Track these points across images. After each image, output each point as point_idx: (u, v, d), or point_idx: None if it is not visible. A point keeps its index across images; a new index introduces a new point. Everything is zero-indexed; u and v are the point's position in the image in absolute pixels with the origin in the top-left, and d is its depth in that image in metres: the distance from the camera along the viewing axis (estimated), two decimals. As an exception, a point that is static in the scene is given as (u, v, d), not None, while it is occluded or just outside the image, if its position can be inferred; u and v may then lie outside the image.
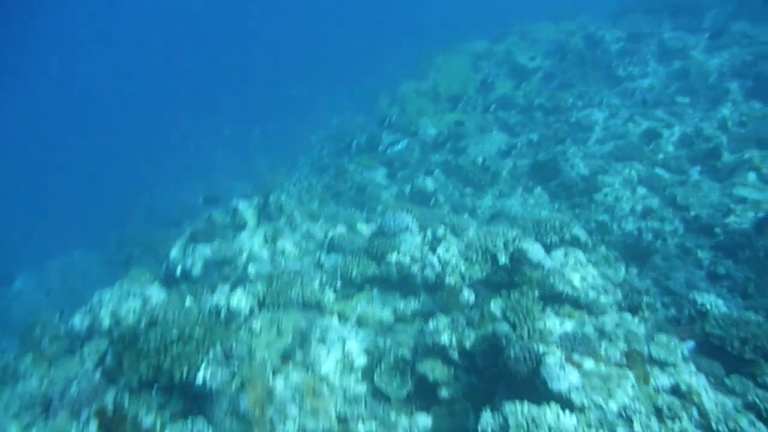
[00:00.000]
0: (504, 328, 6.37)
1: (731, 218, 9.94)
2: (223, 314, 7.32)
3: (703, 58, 15.51)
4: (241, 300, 7.26)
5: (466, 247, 8.16)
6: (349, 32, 53.87)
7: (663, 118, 13.95)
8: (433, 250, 8.55)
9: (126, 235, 19.66)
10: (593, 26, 18.97)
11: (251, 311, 7.27)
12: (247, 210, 9.82)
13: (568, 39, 18.70)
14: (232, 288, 8.06)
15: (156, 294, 8.27)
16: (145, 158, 31.67)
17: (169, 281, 9.00)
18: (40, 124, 43.23)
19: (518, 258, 7.73)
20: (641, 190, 12.31)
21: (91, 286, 18.48)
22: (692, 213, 10.43)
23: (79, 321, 7.68)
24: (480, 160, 14.29)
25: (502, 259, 7.85)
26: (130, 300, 7.74)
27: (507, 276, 7.82)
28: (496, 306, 6.98)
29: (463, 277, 8.21)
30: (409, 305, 8.02)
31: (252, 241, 8.97)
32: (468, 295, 8.04)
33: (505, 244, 7.95)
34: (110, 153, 34.36)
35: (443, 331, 6.80)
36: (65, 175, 32.31)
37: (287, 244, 8.88)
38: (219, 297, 7.53)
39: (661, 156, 12.83)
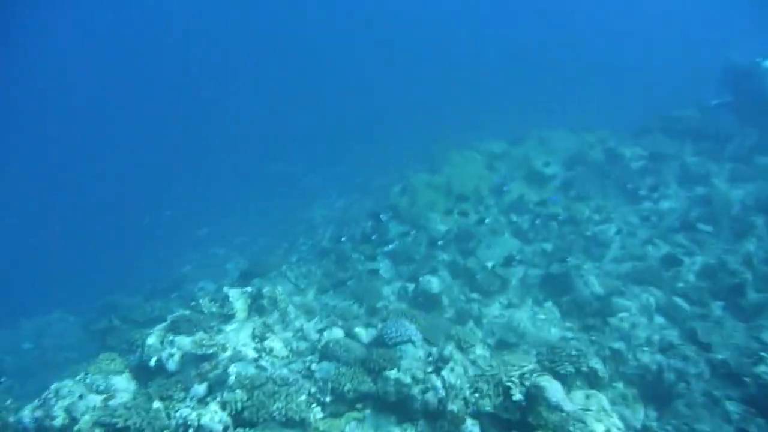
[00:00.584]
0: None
1: (761, 368, 9.11)
2: (191, 432, 6.34)
3: (725, 188, 15.23)
4: (214, 417, 6.31)
5: (476, 377, 7.29)
6: (355, 106, 53.63)
7: (684, 245, 13.42)
8: (438, 370, 7.69)
9: (109, 301, 18.69)
10: (613, 140, 18.93)
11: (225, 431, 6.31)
12: (238, 299, 9.04)
13: (588, 150, 18.60)
14: (209, 390, 7.14)
15: (123, 387, 7.32)
16: (138, 214, 30.75)
17: (140, 372, 8.05)
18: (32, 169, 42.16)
19: (535, 395, 6.86)
20: (659, 319, 11.55)
21: (64, 351, 17.38)
22: (719, 356, 9.60)
23: (29, 415, 6.69)
24: (489, 264, 13.64)
25: (517, 394, 6.97)
26: (91, 395, 6.78)
27: (520, 414, 6.91)
28: (507, 456, 6.05)
29: (467, 405, 7.30)
30: (405, 435, 7.07)
31: (238, 337, 8.12)
32: (472, 428, 7.11)
33: (521, 378, 7.09)
34: (101, 206, 33.55)
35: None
36: (49, 228, 31.34)
37: (277, 344, 8.03)
38: (190, 410, 6.57)
39: (681, 285, 12.16)
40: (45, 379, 15.52)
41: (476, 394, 7.21)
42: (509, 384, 7.09)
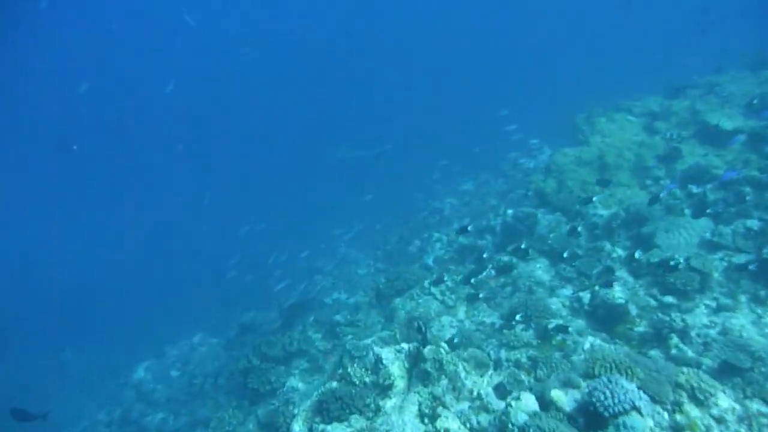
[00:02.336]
0: None
1: None
2: None
3: None
4: None
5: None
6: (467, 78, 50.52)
7: None
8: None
9: (246, 321, 18.34)
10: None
11: None
12: (392, 363, 7.38)
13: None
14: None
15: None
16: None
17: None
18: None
19: None
20: None
21: (210, 377, 17.22)
22: None
23: None
24: (681, 257, 10.88)
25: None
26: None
27: None
28: None
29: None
30: None
31: (403, 420, 6.47)
32: None
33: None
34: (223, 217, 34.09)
35: None
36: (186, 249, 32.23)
37: (453, 424, 6.27)
38: None
39: None
40: (195, 410, 15.42)
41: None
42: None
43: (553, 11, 59.59)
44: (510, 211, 16.28)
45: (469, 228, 12.03)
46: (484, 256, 11.14)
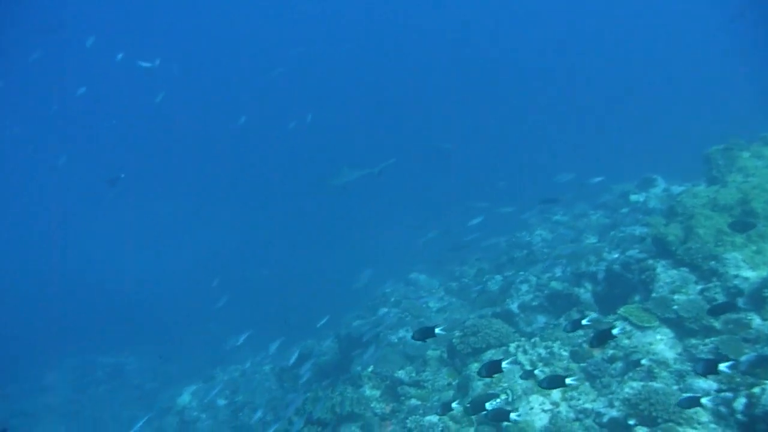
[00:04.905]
0: None
1: None
2: None
3: None
4: None
5: None
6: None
7: None
8: None
9: (303, 350, 16.62)
10: None
11: None
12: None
13: None
14: None
15: None
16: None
17: None
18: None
19: None
20: None
21: (257, 409, 15.63)
22: None
23: None
24: None
25: None
26: None
27: None
28: None
29: None
30: None
31: None
32: None
33: None
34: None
35: None
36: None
37: None
38: None
39: None
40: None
41: None
42: None
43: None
44: (616, 255, 13.64)
45: (437, 330, 7.75)
46: (584, 322, 8.57)
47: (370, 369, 11.77)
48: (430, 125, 45.14)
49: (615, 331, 7.64)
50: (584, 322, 8.41)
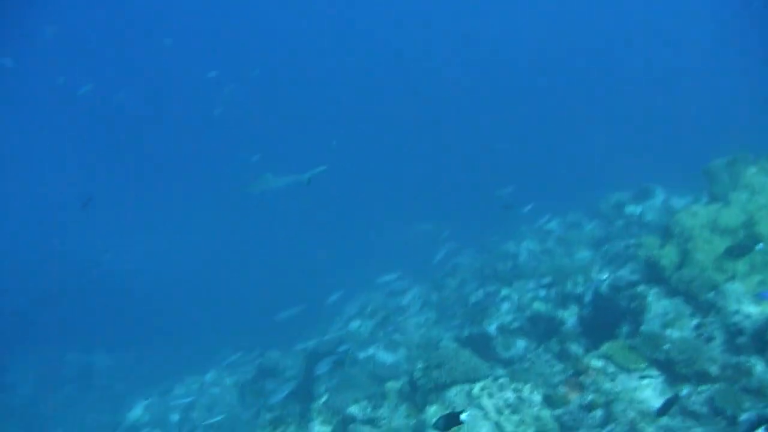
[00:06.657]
0: None
1: None
2: None
3: None
4: None
5: None
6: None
7: None
8: None
9: (264, 363, 15.43)
10: None
11: None
12: None
13: None
14: None
15: None
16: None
17: None
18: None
19: None
20: None
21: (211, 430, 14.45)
22: None
23: None
24: None
25: None
26: None
27: None
28: None
29: None
30: None
31: None
32: None
33: None
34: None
35: None
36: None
37: None
38: None
39: None
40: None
41: None
42: None
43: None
44: (605, 277, 12.45)
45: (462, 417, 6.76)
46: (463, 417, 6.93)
47: (322, 400, 10.55)
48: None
49: (463, 417, 6.52)
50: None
